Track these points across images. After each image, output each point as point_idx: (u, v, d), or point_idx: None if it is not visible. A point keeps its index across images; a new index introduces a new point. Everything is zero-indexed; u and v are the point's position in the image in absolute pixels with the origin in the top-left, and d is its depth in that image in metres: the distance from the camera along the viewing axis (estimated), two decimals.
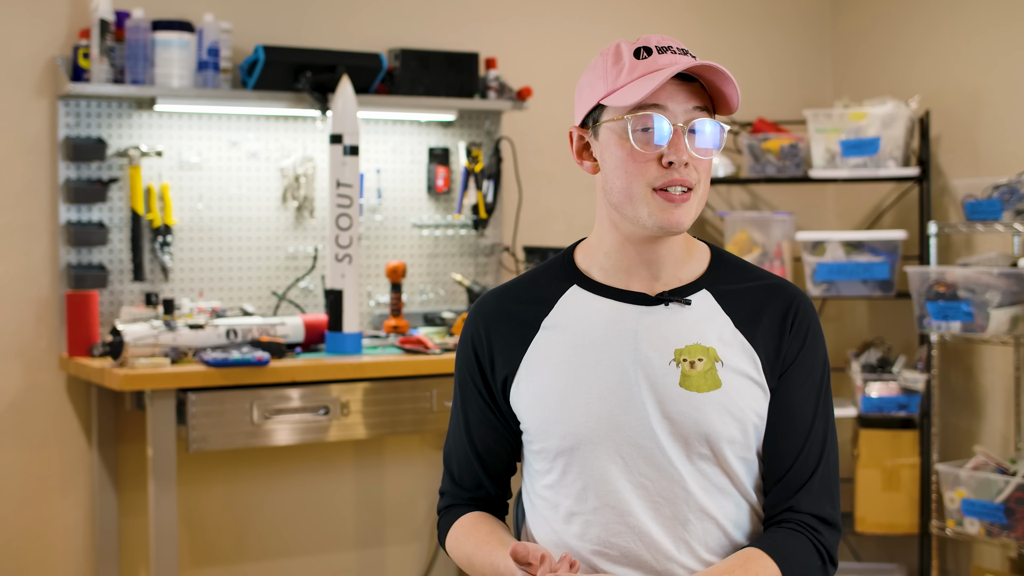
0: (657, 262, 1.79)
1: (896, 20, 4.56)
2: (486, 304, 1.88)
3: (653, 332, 1.77)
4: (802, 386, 1.79)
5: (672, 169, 1.73)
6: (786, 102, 4.70)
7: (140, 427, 3.64)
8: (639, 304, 1.79)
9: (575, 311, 1.81)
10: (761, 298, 1.81)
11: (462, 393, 1.90)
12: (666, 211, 1.73)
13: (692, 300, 1.79)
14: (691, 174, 1.74)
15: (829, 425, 1.81)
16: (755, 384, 1.76)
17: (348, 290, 3.44)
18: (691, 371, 1.74)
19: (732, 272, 1.84)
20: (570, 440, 1.76)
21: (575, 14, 4.37)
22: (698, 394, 1.73)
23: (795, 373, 1.79)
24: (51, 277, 3.59)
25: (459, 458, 1.92)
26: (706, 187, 1.78)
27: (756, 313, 1.79)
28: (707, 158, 1.75)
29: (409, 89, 3.85)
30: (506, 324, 1.84)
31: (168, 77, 3.55)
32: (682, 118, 1.73)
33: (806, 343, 1.80)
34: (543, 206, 4.28)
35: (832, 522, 1.79)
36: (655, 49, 1.74)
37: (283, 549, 3.94)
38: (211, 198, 3.77)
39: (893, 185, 4.53)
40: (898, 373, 4.15)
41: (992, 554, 4.13)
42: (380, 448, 4.05)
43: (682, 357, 1.75)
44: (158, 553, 3.20)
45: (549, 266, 1.89)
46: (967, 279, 3.79)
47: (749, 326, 1.78)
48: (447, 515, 1.94)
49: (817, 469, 1.78)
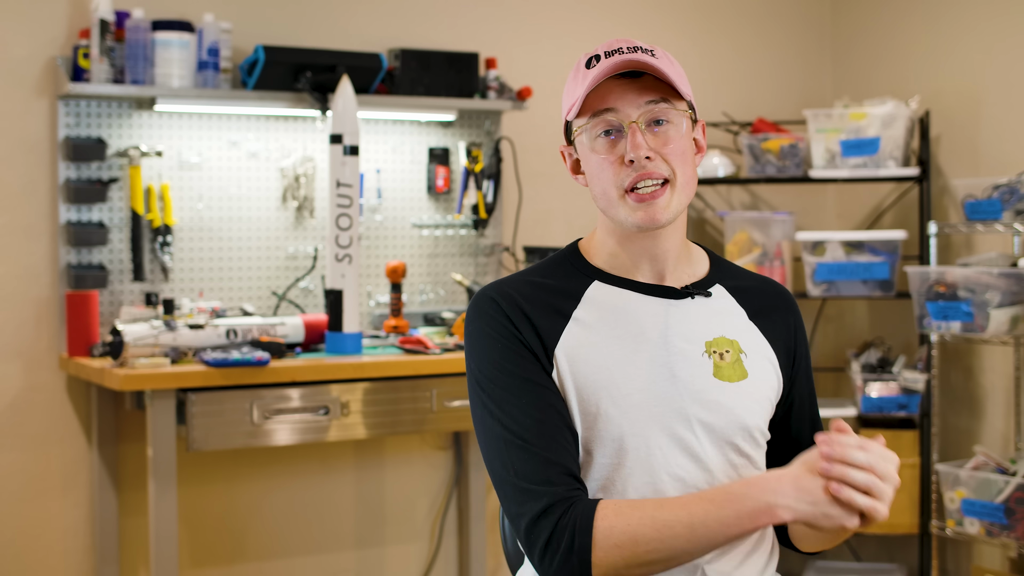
0: (661, 257, 1.81)
1: (896, 20, 4.56)
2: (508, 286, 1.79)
3: (683, 324, 1.79)
4: (808, 379, 1.92)
5: (636, 167, 1.74)
6: (786, 102, 4.70)
7: (140, 427, 3.64)
8: (667, 297, 1.81)
9: (604, 305, 1.79)
10: (765, 295, 1.89)
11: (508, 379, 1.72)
12: (639, 210, 1.75)
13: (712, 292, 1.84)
14: (659, 167, 1.75)
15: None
16: (773, 374, 1.83)
17: (348, 290, 3.44)
18: (722, 362, 1.78)
19: (731, 270, 1.91)
20: (612, 431, 1.71)
21: (575, 14, 4.37)
22: (731, 384, 1.77)
23: (803, 373, 1.90)
24: (51, 277, 3.59)
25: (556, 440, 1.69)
26: (687, 175, 1.78)
27: (765, 308, 1.87)
28: (672, 147, 1.75)
29: (409, 89, 3.85)
30: (538, 309, 1.76)
31: (168, 77, 3.55)
32: (635, 115, 1.75)
33: (804, 338, 1.91)
34: (543, 206, 4.28)
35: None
36: (603, 55, 1.77)
37: (283, 549, 3.94)
38: (211, 198, 3.77)
39: (893, 185, 4.53)
40: (898, 373, 4.15)
41: (992, 554, 4.13)
42: (380, 448, 4.05)
43: (712, 349, 1.78)
44: (158, 553, 3.20)
45: (556, 265, 1.85)
46: (967, 279, 3.79)
47: (761, 319, 1.85)
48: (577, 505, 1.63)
49: None
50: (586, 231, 1.93)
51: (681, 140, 1.76)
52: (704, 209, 4.59)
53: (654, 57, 1.76)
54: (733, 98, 4.60)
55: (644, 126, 1.75)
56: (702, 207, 4.58)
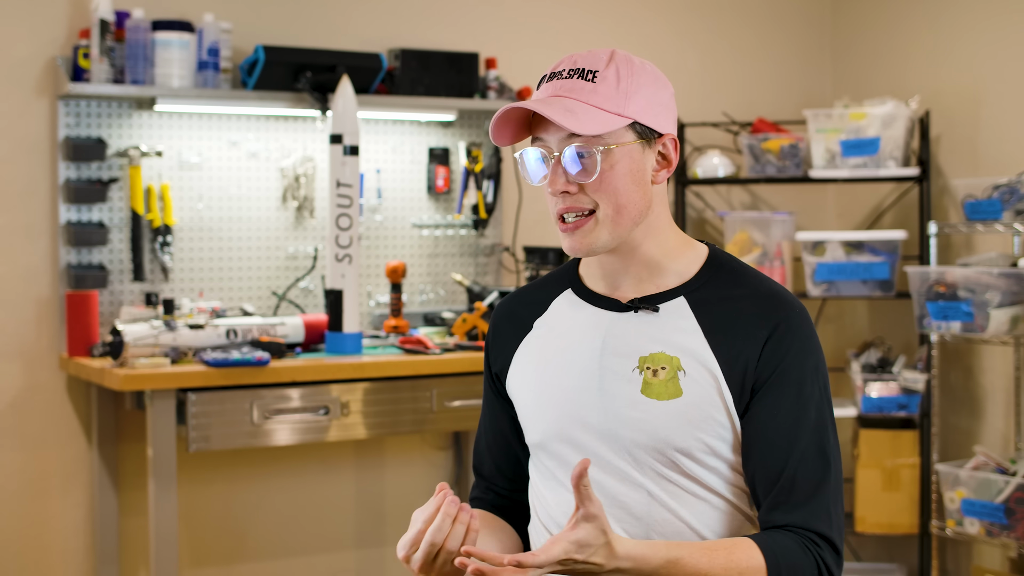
0: (622, 272, 1.80)
1: (896, 20, 4.56)
2: (500, 304, 1.97)
3: (620, 339, 1.78)
4: (782, 403, 1.72)
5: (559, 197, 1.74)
6: (786, 102, 4.70)
7: (140, 427, 3.64)
8: (612, 310, 1.80)
9: (562, 314, 1.86)
10: (743, 309, 1.76)
11: (485, 387, 1.99)
12: (566, 239, 1.76)
13: (662, 308, 1.78)
14: (580, 200, 1.73)
15: (826, 441, 1.74)
16: (718, 394, 1.73)
17: (348, 290, 3.44)
18: (653, 379, 1.74)
19: (723, 279, 1.81)
20: (540, 435, 1.83)
21: (575, 14, 4.37)
22: (658, 402, 1.73)
23: (773, 390, 1.73)
24: (51, 277, 3.59)
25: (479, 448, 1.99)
26: (616, 205, 1.73)
27: (732, 324, 1.75)
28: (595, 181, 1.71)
29: (409, 89, 3.85)
30: (508, 322, 1.92)
31: (168, 77, 3.55)
32: (556, 147, 1.73)
33: (786, 359, 1.73)
34: (543, 206, 4.28)
35: (831, 541, 1.71)
36: (547, 76, 1.76)
37: (283, 549, 3.93)
38: (211, 198, 3.77)
39: (893, 185, 4.52)
40: (898, 373, 4.15)
41: (992, 554, 4.13)
42: (380, 448, 4.05)
43: (645, 365, 1.75)
44: (158, 553, 3.20)
45: (559, 270, 1.93)
46: (967, 279, 3.79)
47: (718, 337, 1.74)
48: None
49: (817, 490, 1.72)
50: None
51: (609, 173, 1.72)
52: (704, 209, 4.59)
53: (592, 83, 1.71)
54: (733, 98, 4.60)
55: (568, 159, 1.72)
56: (702, 207, 4.58)
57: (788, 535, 1.71)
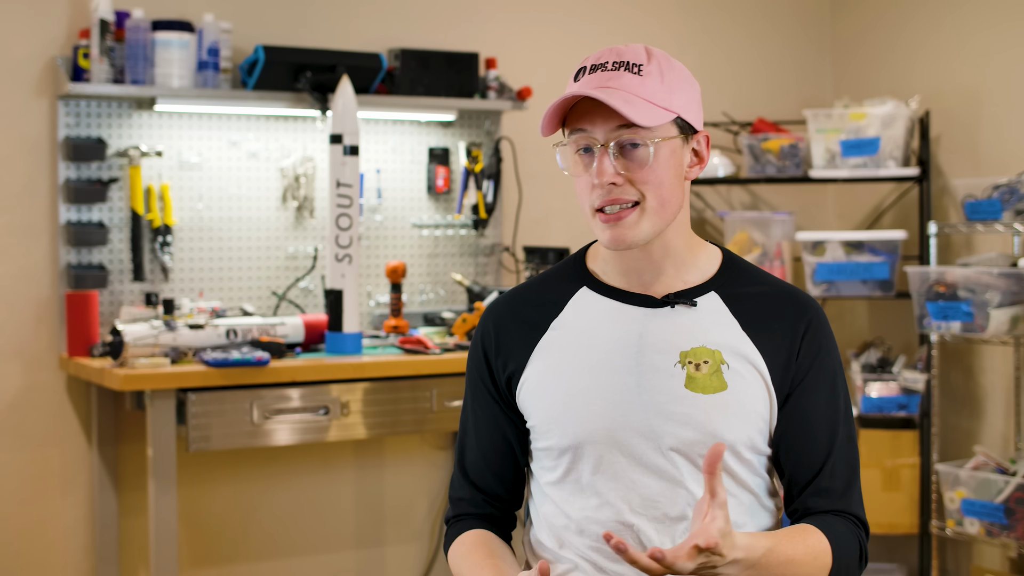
0: (644, 269, 1.80)
1: (896, 20, 4.56)
2: (498, 305, 1.90)
3: (658, 334, 1.76)
4: (821, 395, 1.78)
5: (604, 189, 1.73)
6: (786, 102, 4.70)
7: (140, 427, 3.64)
8: (645, 306, 1.79)
9: (584, 312, 1.82)
10: (773, 304, 1.79)
11: (473, 393, 1.91)
12: (606, 230, 1.74)
13: (699, 302, 1.78)
14: (626, 192, 1.73)
15: (855, 431, 1.84)
16: (762, 387, 1.75)
17: (348, 290, 3.44)
18: (696, 373, 1.73)
19: (743, 276, 1.83)
20: (572, 439, 1.77)
21: (575, 14, 4.37)
22: (704, 396, 1.72)
23: (813, 382, 1.78)
24: (51, 277, 3.59)
25: (470, 458, 1.91)
26: (661, 198, 1.74)
27: (766, 318, 1.78)
28: (642, 172, 1.72)
29: (409, 89, 3.85)
30: (515, 324, 1.86)
31: (168, 77, 3.55)
32: (603, 138, 1.72)
33: (821, 352, 1.79)
34: (543, 206, 4.28)
35: (866, 525, 1.82)
36: (588, 68, 1.76)
37: (283, 549, 3.94)
38: (211, 198, 3.77)
39: (893, 185, 4.52)
40: (898, 373, 4.15)
41: (992, 554, 4.13)
42: (380, 448, 4.05)
43: (687, 359, 1.74)
44: (158, 553, 3.20)
45: (560, 268, 1.90)
46: (967, 279, 3.79)
47: (757, 330, 1.77)
48: (454, 526, 1.91)
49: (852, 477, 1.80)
50: (586, 231, 1.96)
51: (655, 164, 1.72)
52: (704, 209, 4.59)
53: (639, 76, 1.72)
54: (733, 98, 4.60)
55: (615, 150, 1.72)
56: (702, 207, 4.58)
57: (838, 520, 1.77)
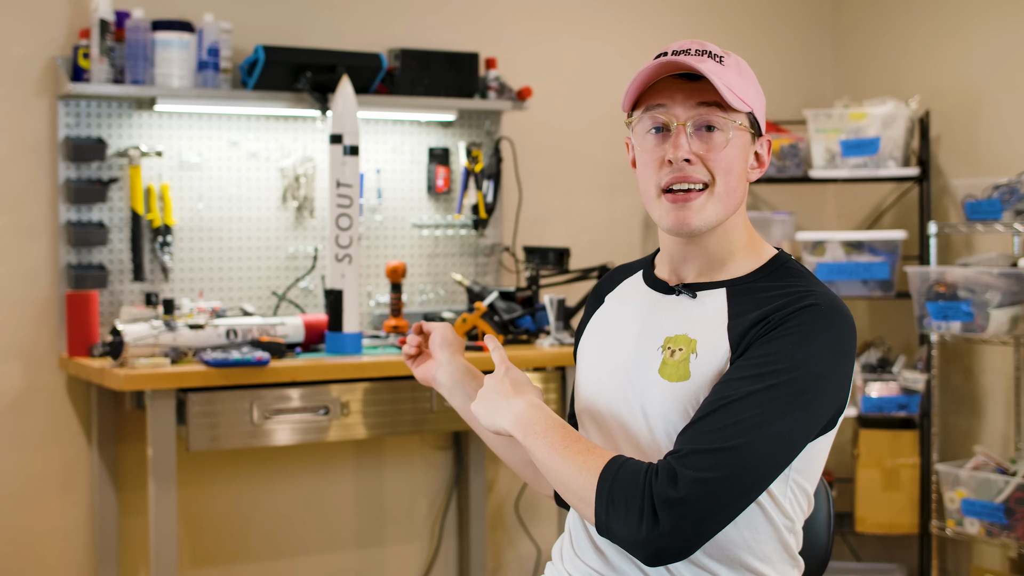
0: (690, 260, 1.82)
1: (896, 20, 4.56)
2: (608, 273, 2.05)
3: (654, 319, 1.82)
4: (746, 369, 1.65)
5: (674, 167, 1.74)
6: (786, 102, 4.70)
7: (140, 427, 3.64)
8: (659, 292, 1.85)
9: (624, 294, 1.92)
10: (771, 298, 1.72)
11: None
12: (672, 212, 1.76)
13: (701, 296, 1.79)
14: (698, 171, 1.74)
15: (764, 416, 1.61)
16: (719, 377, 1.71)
17: (348, 290, 3.44)
18: (670, 360, 1.76)
19: (773, 277, 1.78)
20: (582, 404, 1.89)
21: (575, 14, 4.37)
22: (668, 382, 1.74)
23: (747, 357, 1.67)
24: (51, 277, 3.59)
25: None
26: (730, 186, 1.75)
27: (751, 311, 1.72)
28: (717, 154, 1.74)
29: (409, 89, 3.85)
30: (594, 294, 2.00)
31: (168, 77, 3.55)
32: (683, 116, 1.74)
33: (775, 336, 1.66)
34: (543, 206, 4.28)
35: (673, 465, 1.60)
36: (670, 53, 1.76)
37: (283, 549, 3.94)
38: (211, 198, 3.77)
39: (893, 185, 4.53)
40: (898, 373, 4.15)
41: (992, 554, 4.13)
42: (380, 448, 4.05)
43: (667, 345, 1.77)
44: (158, 553, 3.20)
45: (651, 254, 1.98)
46: (967, 279, 3.79)
47: (737, 323, 1.72)
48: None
49: (704, 433, 1.62)
50: (586, 231, 1.99)
51: (729, 149, 1.74)
52: None
53: (720, 65, 1.75)
54: None
55: (692, 129, 1.74)
56: None
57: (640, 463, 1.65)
